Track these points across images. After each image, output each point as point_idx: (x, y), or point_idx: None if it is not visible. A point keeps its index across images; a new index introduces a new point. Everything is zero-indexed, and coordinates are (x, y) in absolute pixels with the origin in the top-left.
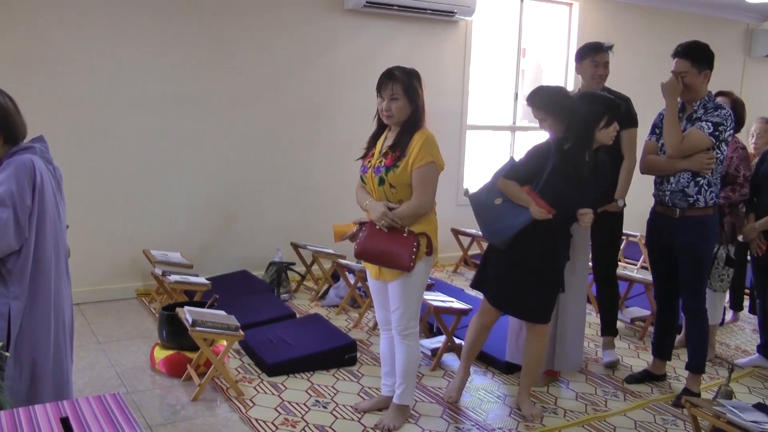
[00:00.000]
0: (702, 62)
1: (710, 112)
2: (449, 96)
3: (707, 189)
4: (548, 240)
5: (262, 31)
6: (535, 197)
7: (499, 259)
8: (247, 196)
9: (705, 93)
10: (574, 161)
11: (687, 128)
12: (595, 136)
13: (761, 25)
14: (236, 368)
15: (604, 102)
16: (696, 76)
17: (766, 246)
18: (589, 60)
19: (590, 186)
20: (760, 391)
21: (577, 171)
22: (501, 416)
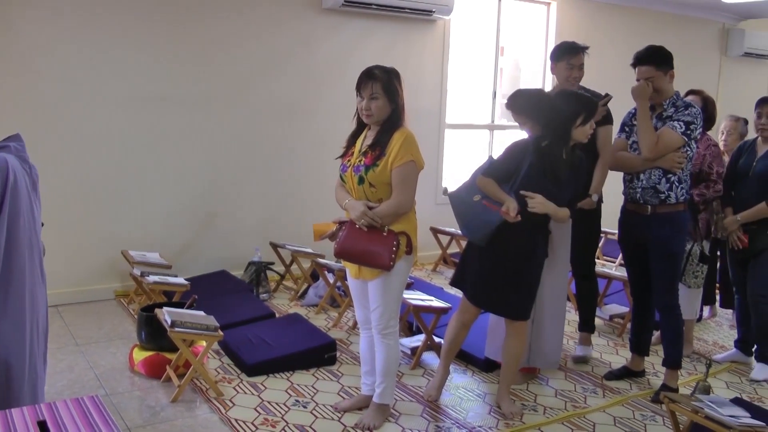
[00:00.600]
0: (664, 64)
1: (681, 111)
2: (428, 95)
3: (678, 185)
4: (526, 237)
5: (240, 30)
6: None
7: (477, 256)
8: (225, 195)
9: (672, 92)
10: (551, 159)
11: (657, 126)
12: (571, 133)
13: (737, 25)
14: (216, 369)
15: (581, 100)
16: (663, 78)
17: (747, 238)
18: (564, 62)
19: (567, 183)
20: (738, 386)
21: (554, 168)
22: (481, 414)
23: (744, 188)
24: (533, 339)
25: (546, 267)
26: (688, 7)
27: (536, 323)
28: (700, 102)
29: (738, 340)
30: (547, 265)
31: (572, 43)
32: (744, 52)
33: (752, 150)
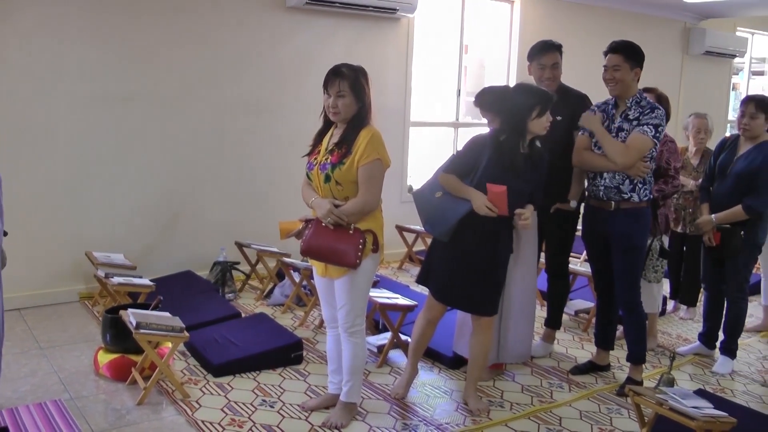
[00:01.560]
0: (633, 60)
1: (647, 114)
2: (392, 93)
3: (641, 187)
4: (490, 232)
5: (203, 29)
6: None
7: (442, 253)
8: (190, 195)
9: (636, 90)
10: (509, 152)
11: (622, 126)
12: (528, 126)
13: (698, 24)
14: (182, 370)
15: (536, 93)
16: (628, 71)
17: (719, 237)
18: (535, 62)
19: (527, 176)
20: (701, 378)
21: (512, 162)
22: (448, 411)
23: (721, 185)
24: (502, 335)
25: (514, 263)
26: (650, 7)
27: (504, 319)
28: (655, 99)
29: (702, 333)
30: (515, 261)
31: (543, 42)
32: (705, 50)
33: (734, 147)
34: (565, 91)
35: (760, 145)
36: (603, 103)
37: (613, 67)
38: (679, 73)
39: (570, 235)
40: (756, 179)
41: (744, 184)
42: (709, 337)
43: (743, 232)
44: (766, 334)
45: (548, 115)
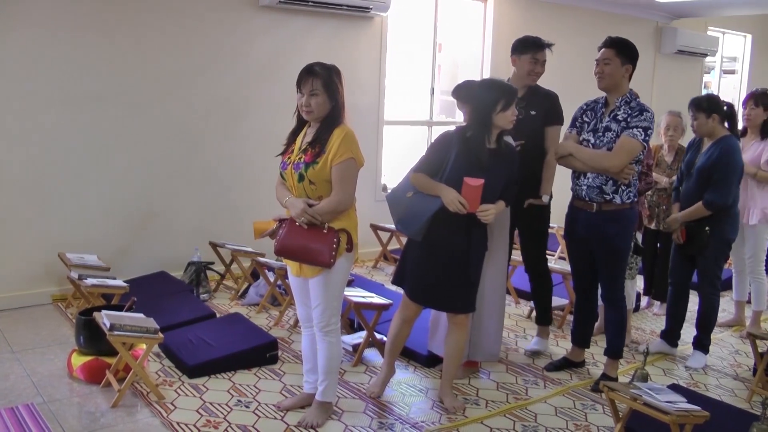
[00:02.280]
0: (626, 57)
1: (636, 116)
2: (366, 92)
3: (625, 189)
4: (462, 229)
5: (177, 28)
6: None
7: (416, 252)
8: (163, 195)
9: (626, 89)
10: (476, 147)
11: (610, 126)
12: (493, 120)
13: (670, 24)
14: (156, 372)
15: (500, 87)
16: (618, 67)
17: (685, 234)
18: (530, 56)
19: (495, 171)
20: (675, 373)
21: (479, 157)
22: (424, 409)
23: (687, 184)
24: (473, 333)
25: (485, 261)
26: (622, 6)
27: (476, 317)
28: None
29: (664, 331)
30: (486, 259)
31: (538, 38)
32: (677, 49)
33: (698, 146)
34: (536, 88)
35: (718, 141)
36: (593, 101)
37: (604, 61)
38: (651, 72)
39: (545, 229)
40: (713, 174)
41: (704, 181)
42: (671, 334)
43: (708, 228)
44: (738, 328)
45: (513, 109)
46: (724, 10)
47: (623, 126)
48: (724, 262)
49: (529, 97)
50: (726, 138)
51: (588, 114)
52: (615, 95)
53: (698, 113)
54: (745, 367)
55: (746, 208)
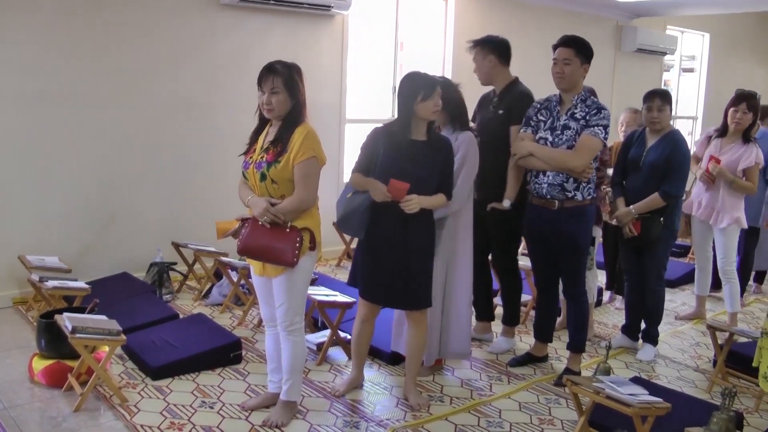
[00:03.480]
0: (584, 55)
1: (594, 114)
2: (327, 90)
3: (585, 186)
4: (398, 223)
5: (136, 26)
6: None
7: (363, 251)
8: (125, 195)
9: (581, 87)
10: (400, 139)
11: (569, 124)
12: (414, 111)
13: (629, 22)
14: (119, 374)
15: (419, 78)
16: (578, 67)
17: (639, 227)
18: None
19: (426, 163)
20: (637, 366)
21: (403, 148)
22: (388, 407)
23: (635, 178)
24: (443, 331)
25: (452, 259)
26: (583, 5)
27: (446, 315)
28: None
29: (625, 325)
30: (453, 257)
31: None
32: (637, 48)
33: (642, 140)
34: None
35: (667, 135)
36: (546, 99)
37: (564, 61)
38: (611, 70)
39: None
40: (668, 167)
41: (658, 173)
42: (631, 329)
43: (662, 219)
44: (698, 321)
45: (435, 99)
46: (683, 10)
47: (582, 124)
48: (670, 253)
49: (503, 95)
50: (675, 131)
51: (543, 113)
52: (571, 94)
53: (666, 105)
54: (706, 359)
55: (715, 211)
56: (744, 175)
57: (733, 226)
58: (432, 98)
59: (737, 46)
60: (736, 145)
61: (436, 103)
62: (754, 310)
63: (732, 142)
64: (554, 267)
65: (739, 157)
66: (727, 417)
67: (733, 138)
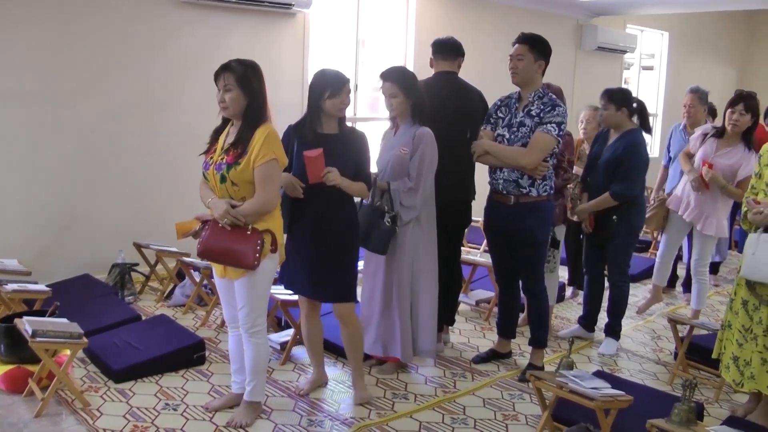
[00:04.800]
0: (538, 52)
1: (549, 111)
2: (289, 89)
3: (540, 182)
4: (319, 218)
5: (95, 23)
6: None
7: (288, 246)
8: (85, 196)
9: (539, 84)
10: (310, 134)
11: (524, 121)
12: (322, 107)
13: (590, 21)
14: (81, 378)
15: (328, 75)
16: (531, 62)
17: (593, 222)
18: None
19: (338, 156)
20: (600, 360)
21: (313, 142)
22: (353, 405)
23: (594, 175)
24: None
25: (418, 258)
26: (544, 4)
27: (414, 315)
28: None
29: (582, 316)
30: (418, 257)
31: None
32: (597, 46)
33: (605, 139)
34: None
35: (624, 134)
36: (506, 97)
37: (517, 57)
38: (572, 68)
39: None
40: (619, 166)
41: (610, 172)
42: (588, 320)
43: (615, 217)
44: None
45: (342, 97)
46: (642, 9)
47: (537, 121)
48: (632, 250)
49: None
50: (632, 132)
51: (502, 110)
52: (528, 90)
53: (609, 104)
54: (667, 352)
55: (704, 215)
56: (739, 183)
57: (719, 233)
58: (339, 96)
59: (696, 44)
60: (734, 149)
61: (342, 101)
62: (713, 303)
63: (729, 145)
64: (513, 262)
65: (737, 162)
66: (688, 408)
67: (731, 140)
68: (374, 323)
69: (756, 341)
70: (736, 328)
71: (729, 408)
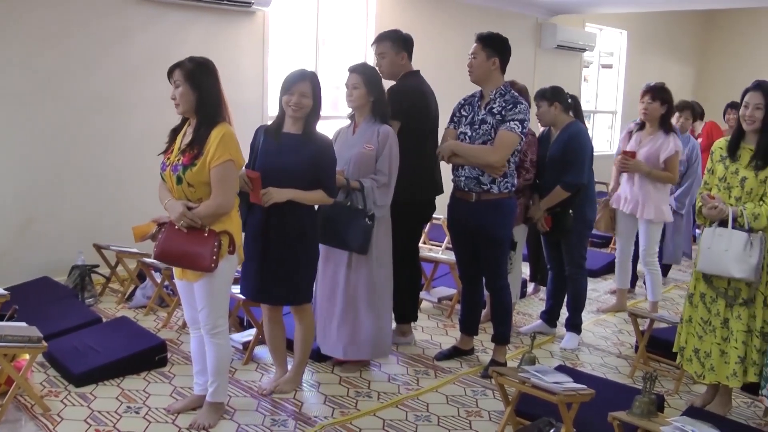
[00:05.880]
0: (492, 49)
1: (511, 109)
2: (249, 88)
3: (501, 180)
4: (266, 221)
5: (50, 21)
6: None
7: (246, 253)
8: (43, 197)
9: (499, 81)
10: (271, 132)
11: (486, 119)
12: (282, 106)
13: (549, 20)
14: (41, 382)
15: (289, 75)
16: (484, 60)
17: (550, 221)
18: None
19: (295, 156)
20: (562, 354)
21: (274, 141)
22: (316, 404)
23: (544, 174)
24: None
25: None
26: (504, 2)
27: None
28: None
29: (544, 311)
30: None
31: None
32: (557, 44)
33: (547, 139)
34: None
35: (564, 128)
36: (470, 95)
37: (472, 55)
38: (532, 67)
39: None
40: (566, 158)
41: (559, 166)
42: (550, 315)
43: (572, 211)
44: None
45: (295, 96)
46: (600, 8)
47: (498, 119)
48: (587, 242)
49: None
50: (572, 123)
51: (466, 108)
52: (489, 88)
53: (541, 102)
54: (628, 345)
55: (640, 203)
56: (665, 165)
57: (659, 218)
58: (288, 94)
59: (654, 42)
60: (654, 136)
61: (291, 100)
62: (673, 297)
63: (651, 134)
64: (476, 259)
65: (659, 147)
66: (648, 400)
67: (651, 130)
68: (335, 325)
69: (714, 333)
70: (696, 321)
71: (688, 400)
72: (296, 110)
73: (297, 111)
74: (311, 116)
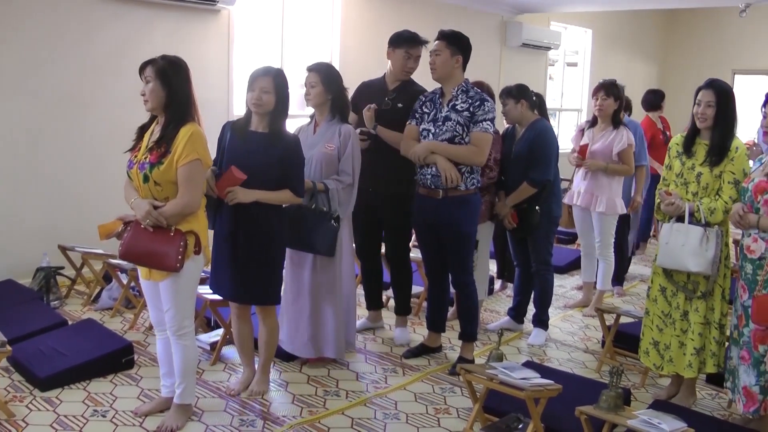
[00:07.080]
0: (455, 46)
1: (479, 107)
2: (214, 86)
3: (468, 176)
4: (233, 221)
5: (12, 17)
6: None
7: (215, 252)
8: (6, 198)
9: (460, 79)
10: (237, 130)
11: (449, 115)
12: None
13: (514, 18)
14: (5, 387)
15: (253, 72)
16: (448, 58)
17: (517, 218)
18: (404, 50)
19: (261, 153)
20: (529, 350)
21: (240, 140)
22: (284, 404)
23: (510, 172)
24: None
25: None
26: (469, 0)
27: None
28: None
29: (511, 308)
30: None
31: (414, 34)
32: (522, 43)
33: (512, 136)
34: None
35: (530, 126)
36: (431, 92)
37: (435, 53)
38: (498, 65)
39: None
40: (532, 154)
41: (525, 163)
42: (518, 311)
43: (538, 208)
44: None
45: (255, 92)
46: (565, 6)
47: (467, 117)
48: (553, 238)
49: (400, 90)
50: (538, 121)
51: (427, 105)
52: (450, 85)
53: (507, 99)
54: (595, 340)
55: (594, 196)
56: (619, 158)
57: (611, 210)
58: (250, 90)
59: (618, 41)
60: (606, 131)
61: (252, 96)
62: (640, 292)
63: (603, 130)
64: (442, 256)
65: (611, 142)
66: (615, 394)
67: (603, 126)
68: (304, 324)
69: (674, 326)
70: (656, 314)
71: (654, 393)
72: (257, 107)
73: (258, 107)
74: (276, 114)
